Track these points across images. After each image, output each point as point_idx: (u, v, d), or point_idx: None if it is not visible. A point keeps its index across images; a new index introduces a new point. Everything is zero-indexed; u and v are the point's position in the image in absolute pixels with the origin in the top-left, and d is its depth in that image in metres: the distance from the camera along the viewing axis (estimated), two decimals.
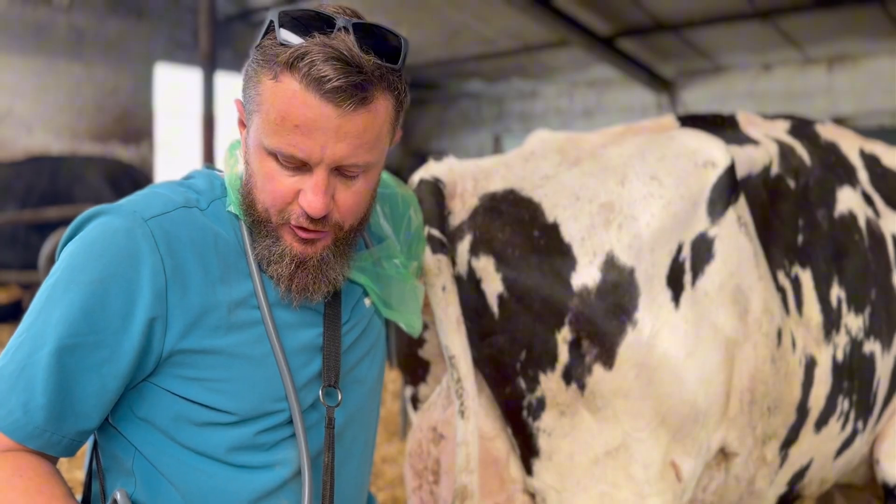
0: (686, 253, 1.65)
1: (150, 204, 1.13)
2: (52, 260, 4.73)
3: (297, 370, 1.18)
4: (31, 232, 7.44)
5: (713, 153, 1.73)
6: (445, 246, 1.61)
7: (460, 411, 1.55)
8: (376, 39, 1.08)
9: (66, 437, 1.07)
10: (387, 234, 1.40)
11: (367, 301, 1.34)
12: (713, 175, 1.70)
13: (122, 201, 1.15)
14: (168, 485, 1.13)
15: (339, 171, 1.11)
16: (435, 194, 1.65)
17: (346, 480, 1.29)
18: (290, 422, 1.17)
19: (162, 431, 1.13)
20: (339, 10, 1.10)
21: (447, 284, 1.57)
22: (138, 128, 10.54)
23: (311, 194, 1.08)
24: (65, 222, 5.46)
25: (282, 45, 1.05)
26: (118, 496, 1.09)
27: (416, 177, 1.68)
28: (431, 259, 1.57)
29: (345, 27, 1.06)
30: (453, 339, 1.55)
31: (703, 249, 1.67)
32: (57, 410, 1.05)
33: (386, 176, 1.50)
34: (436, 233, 1.60)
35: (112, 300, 1.05)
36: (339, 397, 1.21)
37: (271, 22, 1.08)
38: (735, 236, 1.70)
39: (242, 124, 1.19)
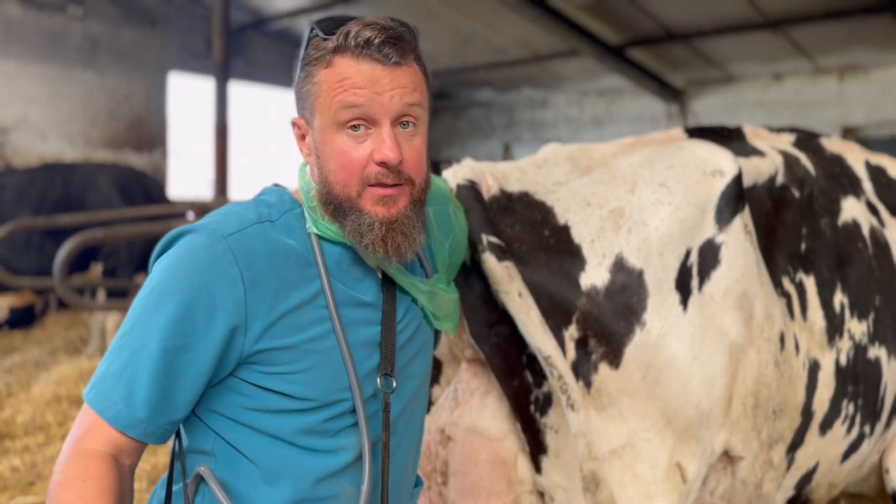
0: (694, 258, 1.68)
1: (228, 222, 1.27)
2: (66, 267, 4.76)
3: (359, 363, 1.31)
4: (45, 238, 7.49)
5: (721, 162, 1.76)
6: (505, 251, 1.62)
7: (570, 405, 1.56)
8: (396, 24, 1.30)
9: (160, 427, 1.23)
10: (434, 250, 1.52)
11: (419, 304, 1.46)
12: (721, 183, 1.73)
13: (203, 220, 1.30)
14: (247, 461, 1.28)
15: (398, 127, 1.27)
16: (478, 199, 1.68)
17: (400, 463, 1.41)
18: (353, 411, 1.30)
19: (241, 418, 1.28)
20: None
21: (522, 290, 1.59)
22: (151, 136, 10.62)
23: (384, 146, 1.24)
24: (78, 229, 5.50)
25: (325, 40, 1.25)
26: (202, 471, 1.27)
27: (452, 183, 1.70)
28: (499, 268, 1.58)
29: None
30: (544, 340, 1.56)
31: (710, 255, 1.70)
32: (153, 404, 1.20)
33: (442, 184, 1.62)
34: (494, 239, 1.61)
35: (197, 309, 1.20)
36: (395, 384, 1.34)
37: (312, 30, 1.28)
38: (741, 243, 1.73)
39: (302, 137, 1.35)
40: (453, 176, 1.72)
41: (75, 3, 9.61)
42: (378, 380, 1.33)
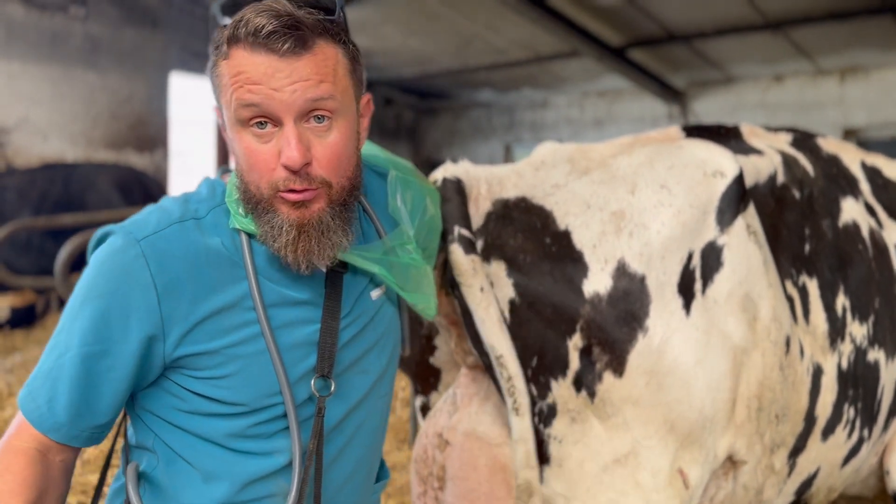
0: (696, 261, 1.66)
1: (148, 222, 1.23)
2: (67, 266, 4.77)
3: (294, 365, 1.26)
4: (46, 238, 7.50)
5: (722, 163, 1.74)
6: (474, 245, 1.60)
7: (514, 409, 1.55)
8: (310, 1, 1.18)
9: (84, 431, 1.21)
10: (402, 218, 1.43)
11: (373, 294, 1.39)
12: (722, 184, 1.72)
13: (129, 219, 1.25)
14: (184, 463, 1.26)
15: (309, 122, 1.17)
16: (459, 193, 1.66)
17: (349, 465, 1.37)
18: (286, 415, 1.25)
19: (172, 420, 1.26)
20: None
21: (484, 285, 1.57)
22: (152, 136, 10.60)
23: (286, 147, 1.14)
24: (79, 229, 5.51)
25: (224, 27, 1.16)
26: (129, 469, 1.26)
27: (438, 175, 1.69)
28: (465, 259, 1.57)
29: None
30: (499, 338, 1.56)
31: (712, 258, 1.68)
32: (74, 409, 1.18)
33: (406, 164, 1.56)
34: (466, 232, 1.59)
35: (112, 315, 1.17)
36: (332, 387, 1.28)
37: (213, 16, 1.20)
38: (744, 245, 1.71)
39: (224, 127, 1.25)
40: (443, 172, 1.70)
41: (77, 4, 9.60)
42: (312, 382, 1.26)
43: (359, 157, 1.29)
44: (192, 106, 11.57)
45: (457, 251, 1.57)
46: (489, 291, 1.58)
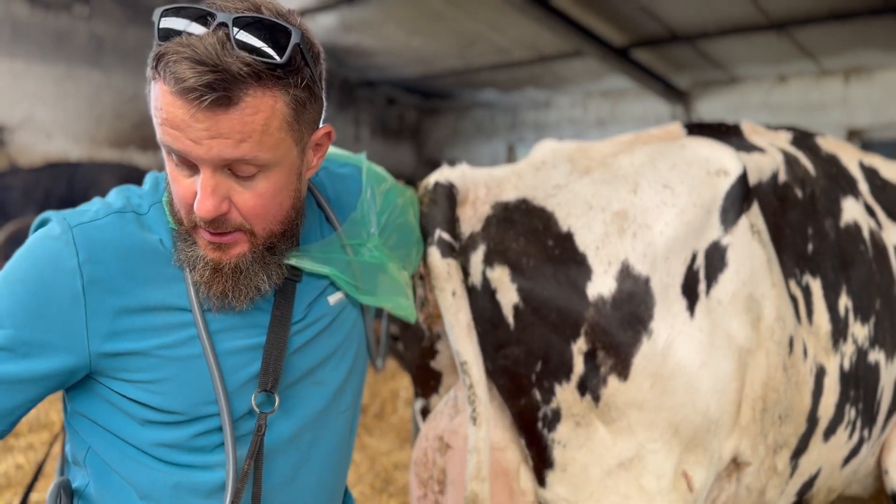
0: (700, 261, 1.64)
1: (85, 211, 1.16)
2: None
3: (234, 372, 1.17)
4: None
5: (725, 161, 1.72)
6: (455, 250, 1.59)
7: (472, 418, 1.54)
8: (264, 34, 1.03)
9: None
10: (367, 214, 1.36)
11: (331, 299, 1.30)
12: (726, 183, 1.70)
13: (68, 210, 1.18)
14: (119, 479, 1.17)
15: (232, 172, 1.08)
16: (448, 198, 1.64)
17: (306, 483, 1.28)
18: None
19: (108, 427, 1.17)
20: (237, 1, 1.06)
21: (457, 290, 1.56)
22: (156, 135, 10.62)
23: (200, 195, 1.06)
24: None
25: (158, 44, 1.03)
26: (52, 486, 1.18)
27: (431, 179, 1.67)
28: (441, 263, 1.55)
29: (223, 23, 1.01)
30: (465, 344, 1.54)
31: (716, 258, 1.66)
32: None
33: (382, 171, 1.51)
34: (446, 236, 1.58)
35: (31, 300, 1.09)
36: (276, 403, 1.19)
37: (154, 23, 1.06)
38: (748, 244, 1.69)
39: None
40: (437, 175, 1.67)
41: (81, 3, 9.61)
42: (253, 398, 1.17)
43: (297, 195, 1.19)
44: None
45: (433, 254, 1.56)
46: (462, 297, 1.56)
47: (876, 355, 2.05)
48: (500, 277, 1.61)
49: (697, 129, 2.02)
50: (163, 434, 1.15)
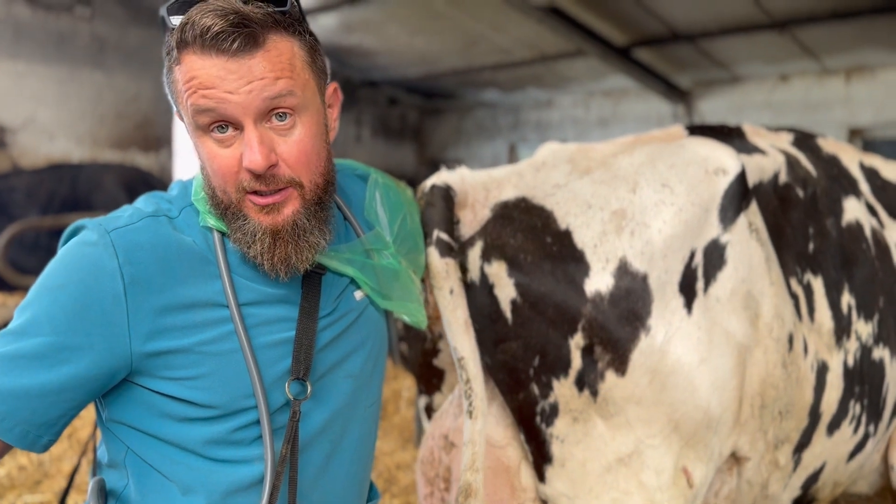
0: (698, 259, 1.66)
1: (120, 216, 1.19)
2: None
3: (270, 365, 1.21)
4: (53, 238, 7.54)
5: (724, 160, 1.74)
6: (453, 249, 1.61)
7: (469, 411, 1.55)
8: None
9: (19, 425, 1.09)
10: (380, 221, 1.41)
11: (357, 294, 1.34)
12: (724, 182, 1.71)
13: (102, 217, 1.20)
14: (160, 477, 1.20)
15: (270, 122, 1.12)
16: (446, 199, 1.66)
17: (336, 475, 1.32)
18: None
19: (147, 430, 1.19)
20: None
21: (455, 287, 1.58)
22: (158, 135, 10.64)
23: (247, 151, 1.10)
24: None
25: (172, 30, 1.10)
26: (92, 485, 1.20)
27: (428, 182, 1.69)
28: (439, 262, 1.57)
29: None
30: (462, 341, 1.56)
31: (715, 256, 1.68)
32: (15, 398, 1.08)
33: (382, 176, 1.54)
34: (444, 236, 1.60)
35: (74, 305, 1.10)
36: (309, 390, 1.22)
37: (162, 18, 1.12)
38: (746, 242, 1.71)
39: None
40: (435, 178, 1.69)
41: (83, 4, 9.64)
42: (287, 385, 1.21)
43: (329, 152, 1.24)
44: None
45: (433, 254, 1.58)
46: (459, 294, 1.58)
47: (880, 352, 2.06)
48: (498, 272, 1.63)
49: (699, 130, 2.04)
50: (203, 430, 1.18)
